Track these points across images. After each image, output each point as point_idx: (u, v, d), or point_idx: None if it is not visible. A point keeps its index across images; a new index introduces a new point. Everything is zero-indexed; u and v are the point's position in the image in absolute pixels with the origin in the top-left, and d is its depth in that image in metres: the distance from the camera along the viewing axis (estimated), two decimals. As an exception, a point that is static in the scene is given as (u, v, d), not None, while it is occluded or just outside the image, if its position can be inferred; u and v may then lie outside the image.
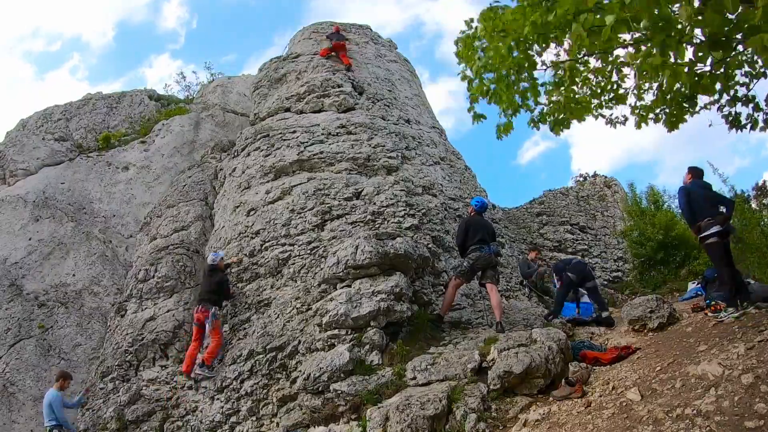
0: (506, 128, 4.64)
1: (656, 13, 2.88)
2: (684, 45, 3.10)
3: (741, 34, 2.97)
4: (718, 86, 3.15)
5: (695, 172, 6.19)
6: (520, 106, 4.49)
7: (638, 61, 3.33)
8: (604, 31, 2.96)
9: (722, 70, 3.08)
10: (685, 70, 3.04)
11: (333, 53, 11.92)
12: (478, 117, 4.73)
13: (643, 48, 3.44)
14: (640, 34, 3.25)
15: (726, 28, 2.97)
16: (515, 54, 4.01)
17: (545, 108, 4.61)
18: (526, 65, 4.11)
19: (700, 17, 2.82)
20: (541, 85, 4.45)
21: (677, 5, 2.92)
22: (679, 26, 3.05)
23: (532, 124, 4.71)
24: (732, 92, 4.21)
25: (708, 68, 3.09)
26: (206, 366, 7.04)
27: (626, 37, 3.47)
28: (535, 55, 4.08)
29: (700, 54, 3.06)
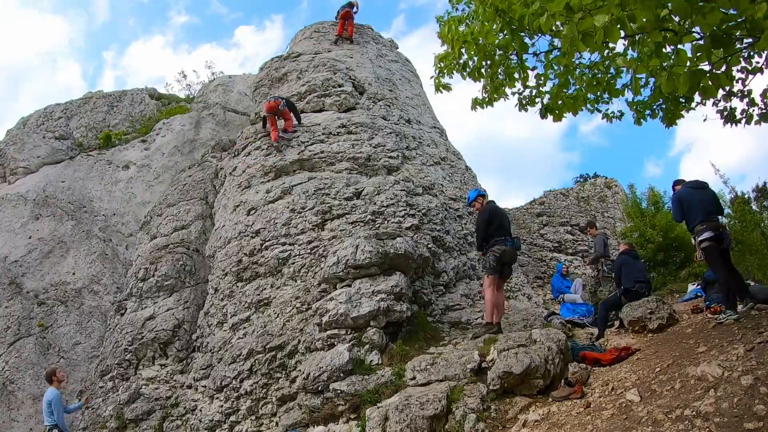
0: (483, 102, 4.49)
1: (654, 10, 2.78)
2: (682, 46, 3.04)
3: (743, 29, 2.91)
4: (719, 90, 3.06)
5: (681, 183, 6.38)
6: (504, 83, 4.34)
7: (634, 67, 3.27)
8: (598, 35, 2.87)
9: (723, 68, 2.99)
10: (684, 70, 2.96)
11: (344, 22, 12.86)
12: (442, 87, 4.60)
13: (634, 52, 3.37)
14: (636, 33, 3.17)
15: (726, 25, 2.90)
16: (504, 34, 3.90)
17: (535, 91, 4.44)
18: (516, 46, 3.98)
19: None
20: (532, 68, 4.32)
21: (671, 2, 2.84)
22: (678, 24, 2.99)
23: (519, 107, 4.60)
24: (728, 88, 4.06)
25: (708, 67, 3.01)
26: (287, 132, 9.33)
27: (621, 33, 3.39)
28: (527, 38, 3.98)
29: (699, 54, 2.96)
